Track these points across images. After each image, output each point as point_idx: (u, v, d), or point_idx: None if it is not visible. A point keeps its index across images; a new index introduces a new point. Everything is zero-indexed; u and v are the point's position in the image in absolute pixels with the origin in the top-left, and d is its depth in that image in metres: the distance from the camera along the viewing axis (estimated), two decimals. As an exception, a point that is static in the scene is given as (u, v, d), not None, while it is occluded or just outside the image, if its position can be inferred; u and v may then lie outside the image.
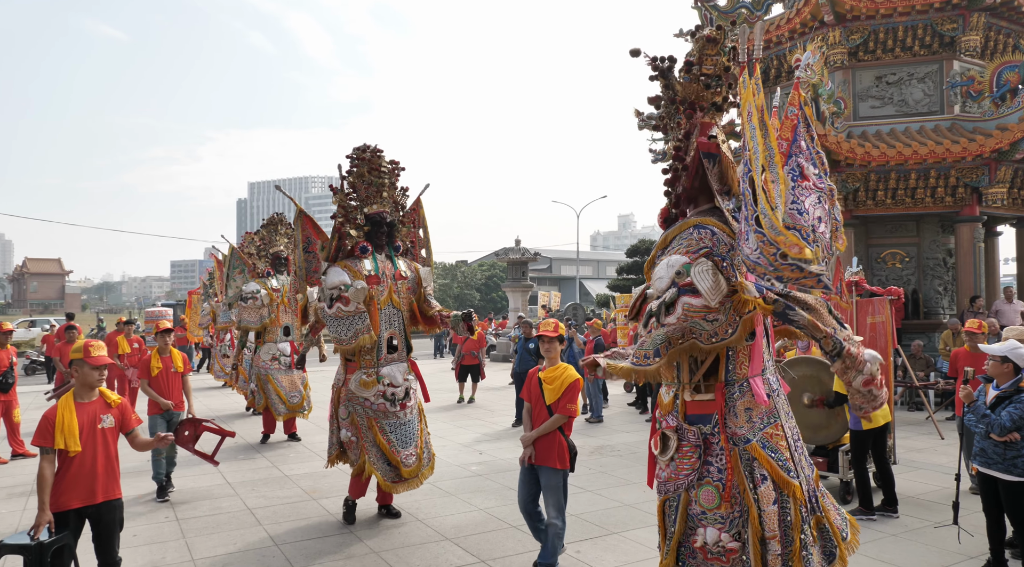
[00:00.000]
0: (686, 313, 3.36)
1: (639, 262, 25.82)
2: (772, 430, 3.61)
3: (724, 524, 3.49)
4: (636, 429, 10.88)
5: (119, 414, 4.36)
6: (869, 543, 5.64)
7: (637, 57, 3.83)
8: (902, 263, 13.70)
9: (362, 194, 6.52)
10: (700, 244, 3.58)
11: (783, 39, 14.42)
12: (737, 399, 3.57)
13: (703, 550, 3.53)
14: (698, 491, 3.56)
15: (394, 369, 6.35)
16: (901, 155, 12.13)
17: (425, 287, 6.70)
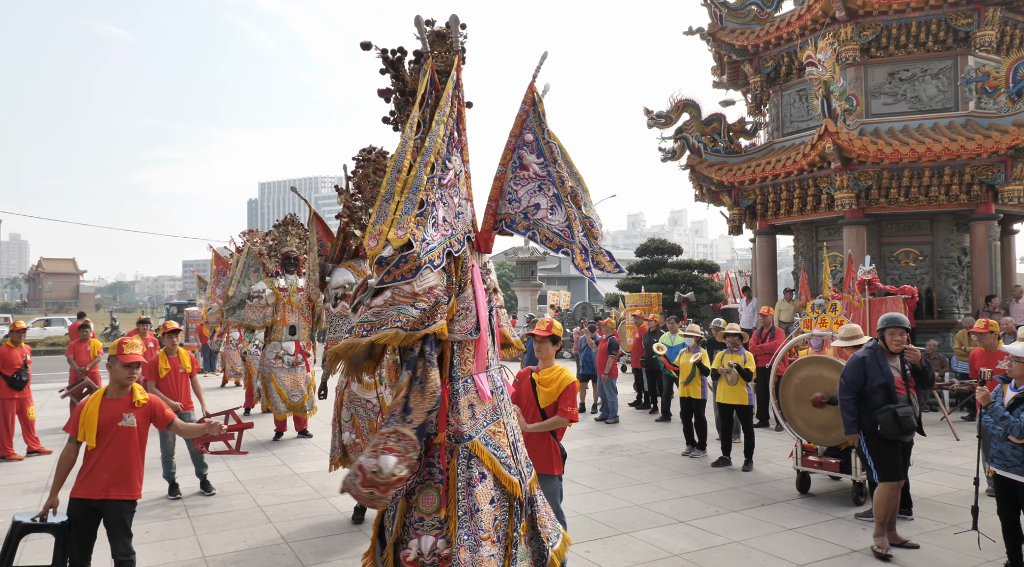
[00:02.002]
0: (394, 296, 3.27)
1: (649, 261, 25.69)
2: (495, 428, 3.59)
3: (441, 530, 3.34)
4: (646, 429, 10.83)
5: (145, 414, 4.37)
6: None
7: (368, 50, 3.73)
8: (916, 262, 13.57)
9: (367, 194, 6.50)
10: None
11: (794, 36, 14.31)
12: (461, 395, 3.49)
13: (415, 563, 3.31)
14: (419, 495, 3.41)
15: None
16: (914, 152, 12.01)
17: None
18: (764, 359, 10.05)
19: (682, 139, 15.12)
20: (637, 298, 19.59)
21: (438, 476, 3.41)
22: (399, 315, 3.24)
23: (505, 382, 3.95)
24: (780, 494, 7.08)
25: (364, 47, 3.72)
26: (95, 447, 4.20)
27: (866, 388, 5.49)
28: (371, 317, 3.25)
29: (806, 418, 7.08)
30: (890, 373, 5.46)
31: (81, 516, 4.21)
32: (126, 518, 4.31)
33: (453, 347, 3.54)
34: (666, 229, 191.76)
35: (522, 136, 3.72)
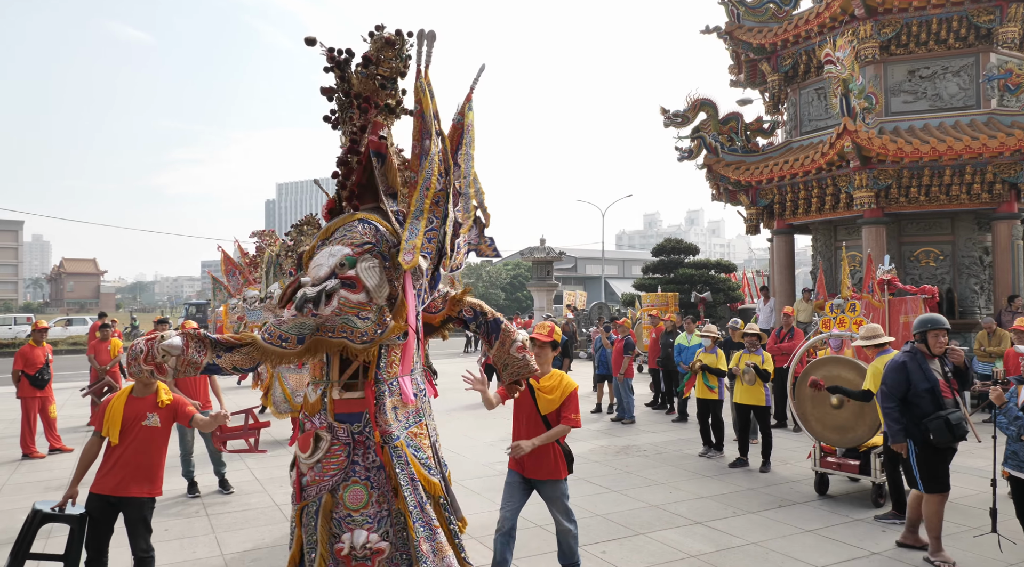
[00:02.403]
0: (341, 307, 3.31)
1: (665, 261, 25.59)
2: (416, 429, 3.67)
3: (373, 524, 3.41)
4: (662, 429, 10.79)
5: (169, 414, 4.41)
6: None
7: (312, 46, 3.71)
8: (936, 261, 13.40)
9: None
10: (364, 239, 3.55)
11: (812, 34, 14.19)
12: (386, 397, 3.55)
13: (348, 558, 3.38)
14: (344, 492, 3.45)
15: None
16: (935, 150, 11.87)
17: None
18: (782, 359, 9.98)
19: (699, 138, 15.04)
20: (653, 298, 19.54)
21: (363, 473, 3.48)
22: (343, 325, 3.34)
23: (429, 384, 4.11)
24: (798, 495, 7.03)
25: (308, 43, 3.72)
26: (118, 444, 4.28)
27: (910, 394, 5.23)
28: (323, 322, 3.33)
29: (822, 419, 7.02)
30: (935, 377, 5.22)
31: (98, 511, 4.28)
32: (146, 515, 4.36)
33: (381, 349, 3.58)
34: (683, 229, 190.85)
35: (422, 144, 3.65)
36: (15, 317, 40.56)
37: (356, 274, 3.39)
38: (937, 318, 5.39)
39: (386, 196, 3.81)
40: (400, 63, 3.70)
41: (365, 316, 3.39)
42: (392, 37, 3.66)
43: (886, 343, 6.42)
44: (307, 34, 3.73)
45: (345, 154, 3.79)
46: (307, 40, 3.71)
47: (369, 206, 3.85)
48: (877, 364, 6.24)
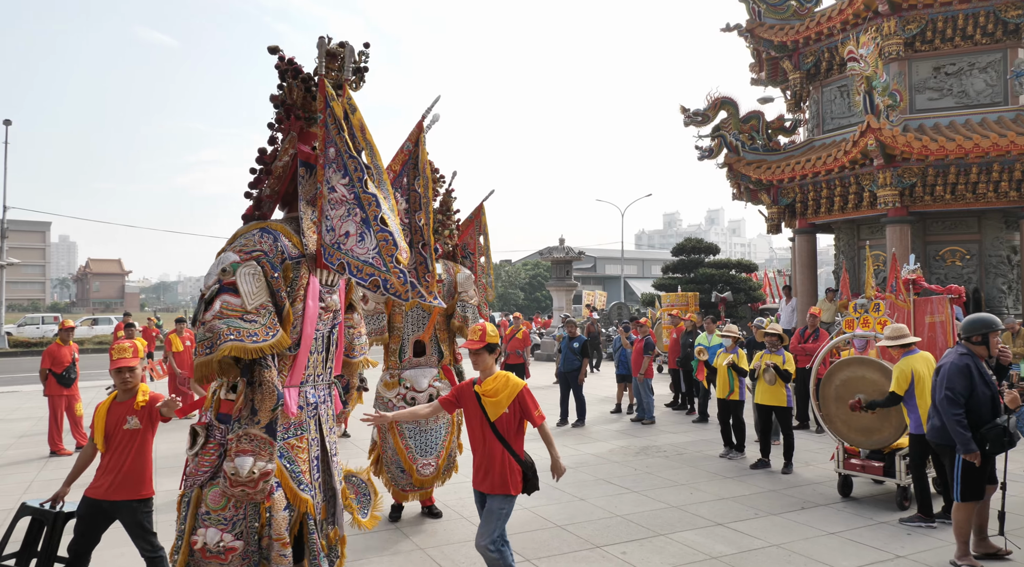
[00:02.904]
0: (223, 310, 3.36)
1: (685, 261, 25.44)
2: (295, 441, 3.65)
3: (227, 526, 3.48)
4: (683, 430, 10.73)
5: (146, 414, 4.34)
6: (928, 551, 5.45)
7: (274, 54, 3.79)
8: (963, 261, 13.19)
9: None
10: (256, 247, 3.58)
11: (835, 31, 14.03)
12: None
13: (203, 550, 3.47)
14: (208, 490, 3.52)
15: (418, 373, 6.30)
16: (961, 148, 11.69)
17: (461, 292, 6.56)
18: (806, 360, 9.88)
19: (719, 137, 14.93)
20: (673, 298, 19.42)
21: None
22: (230, 329, 3.35)
23: (335, 397, 4.10)
24: (821, 497, 6.95)
25: (271, 51, 3.80)
26: (105, 450, 4.33)
27: (971, 401, 5.03)
28: (207, 333, 3.37)
29: (847, 420, 6.94)
30: (994, 383, 5.04)
31: (89, 515, 4.32)
32: (141, 518, 4.33)
33: (270, 358, 3.59)
34: (703, 228, 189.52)
35: (326, 152, 3.56)
36: (43, 316, 41.28)
37: (236, 279, 3.45)
38: (995, 319, 5.21)
39: (311, 205, 3.84)
40: (341, 75, 3.73)
41: (251, 319, 3.41)
42: (335, 49, 3.72)
43: (912, 343, 6.33)
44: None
45: (258, 157, 3.87)
46: (270, 49, 3.80)
47: (293, 215, 3.92)
48: (903, 365, 6.15)
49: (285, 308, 3.59)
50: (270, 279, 3.56)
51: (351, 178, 3.44)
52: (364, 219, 3.44)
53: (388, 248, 3.41)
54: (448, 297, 6.53)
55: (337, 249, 3.52)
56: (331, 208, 3.53)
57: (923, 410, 6.04)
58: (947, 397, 5.07)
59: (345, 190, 3.47)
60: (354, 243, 3.47)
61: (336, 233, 3.51)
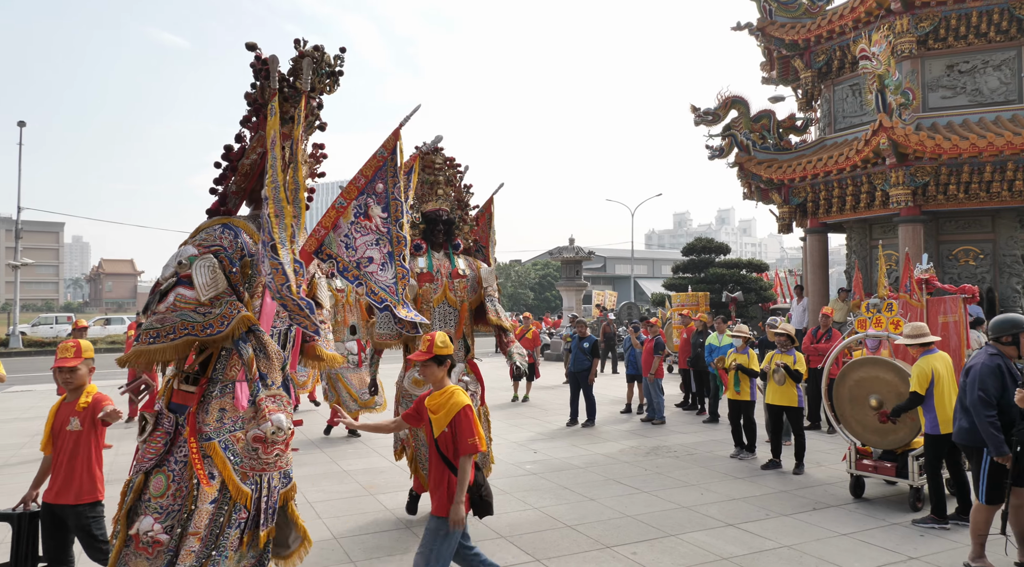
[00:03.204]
0: (176, 303, 3.46)
1: (695, 261, 25.36)
2: (241, 435, 3.69)
3: (161, 515, 3.53)
4: (693, 430, 10.69)
5: (88, 416, 4.23)
6: (943, 553, 5.40)
7: (252, 51, 3.88)
8: (976, 260, 13.08)
9: (418, 192, 6.47)
10: (216, 242, 3.69)
11: (847, 29, 13.94)
12: (214, 397, 3.64)
13: (136, 537, 3.52)
14: (152, 478, 3.60)
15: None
16: (975, 147, 11.58)
17: (486, 287, 6.55)
18: (818, 360, 9.83)
19: (730, 136, 14.87)
20: (684, 298, 19.36)
21: (172, 464, 3.61)
22: (183, 323, 3.45)
23: (287, 396, 4.08)
24: (832, 498, 6.91)
25: (249, 48, 3.89)
26: (52, 453, 4.25)
27: (1001, 402, 4.94)
28: (156, 323, 3.47)
29: (862, 421, 6.90)
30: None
31: (48, 518, 4.26)
32: (86, 523, 4.19)
33: (222, 351, 3.69)
34: (713, 228, 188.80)
35: (373, 183, 3.81)
36: (56, 316, 41.61)
37: (191, 272, 3.53)
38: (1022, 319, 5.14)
39: None
40: (316, 79, 3.86)
41: (204, 311, 3.50)
42: (309, 52, 3.83)
43: (932, 342, 6.27)
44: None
45: (224, 155, 3.98)
46: (248, 46, 3.90)
47: (256, 213, 4.03)
48: (922, 364, 6.10)
49: (245, 302, 3.70)
50: (229, 273, 3.64)
51: (391, 215, 3.72)
52: (390, 253, 3.73)
53: (403, 283, 3.74)
54: (472, 292, 6.52)
55: (356, 267, 3.75)
56: (357, 232, 3.75)
57: (940, 410, 6.00)
58: (980, 398, 4.97)
59: (381, 223, 3.74)
60: (376, 269, 3.74)
61: (358, 254, 3.73)
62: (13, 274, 30.97)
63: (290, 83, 3.82)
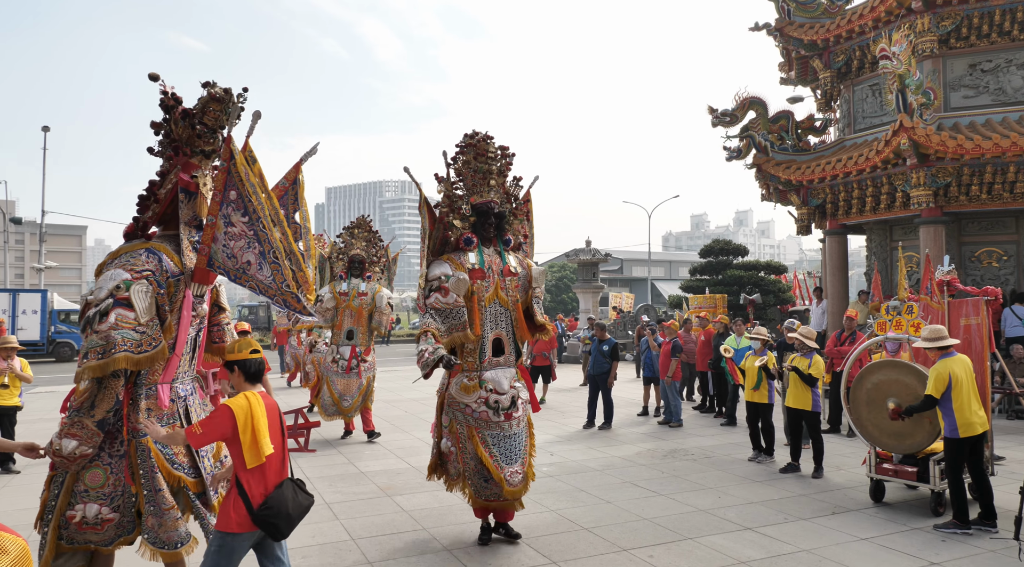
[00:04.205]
0: (118, 322, 3.95)
1: (713, 262, 25.21)
2: (168, 429, 4.18)
3: (106, 500, 4.06)
4: (711, 433, 10.63)
5: None
6: (965, 558, 5.33)
7: (155, 81, 4.34)
8: (999, 262, 12.89)
9: (468, 183, 6.01)
10: (144, 267, 4.15)
11: (866, 28, 13.81)
12: (142, 399, 4.16)
13: (79, 523, 3.99)
14: (86, 472, 4.05)
15: (499, 374, 5.74)
16: (998, 146, 11.42)
17: (535, 288, 6.07)
18: (842, 362, 9.74)
19: (748, 137, 14.78)
20: (701, 300, 19.25)
21: (106, 459, 4.10)
22: (124, 340, 3.94)
23: (199, 391, 4.63)
24: (852, 502, 6.84)
25: (152, 79, 4.34)
26: None
27: None
28: (100, 341, 3.92)
29: (879, 424, 6.82)
30: None
31: None
32: None
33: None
34: (731, 230, 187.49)
35: (226, 194, 4.21)
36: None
37: (129, 295, 4.02)
38: None
39: (189, 227, 4.46)
40: (224, 117, 4.32)
41: (141, 331, 4.03)
42: (219, 93, 4.28)
43: (950, 346, 6.19)
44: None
45: (148, 187, 4.46)
46: (150, 76, 4.34)
47: (170, 233, 4.47)
48: (940, 368, 6.02)
49: (168, 320, 4.22)
50: (156, 295, 4.15)
51: (251, 217, 4.15)
52: (261, 252, 4.17)
53: (279, 276, 4.15)
54: (523, 292, 6.07)
55: (243, 273, 4.21)
56: (230, 239, 4.20)
57: (959, 414, 5.92)
58: None
59: (245, 227, 4.18)
60: (256, 270, 4.19)
61: (239, 261, 4.20)
62: (38, 276, 31.46)
63: (200, 121, 4.31)
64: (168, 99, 4.34)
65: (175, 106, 4.34)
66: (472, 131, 6.05)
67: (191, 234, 4.43)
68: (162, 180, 4.44)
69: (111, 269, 4.12)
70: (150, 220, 4.44)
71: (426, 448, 9.54)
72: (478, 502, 5.72)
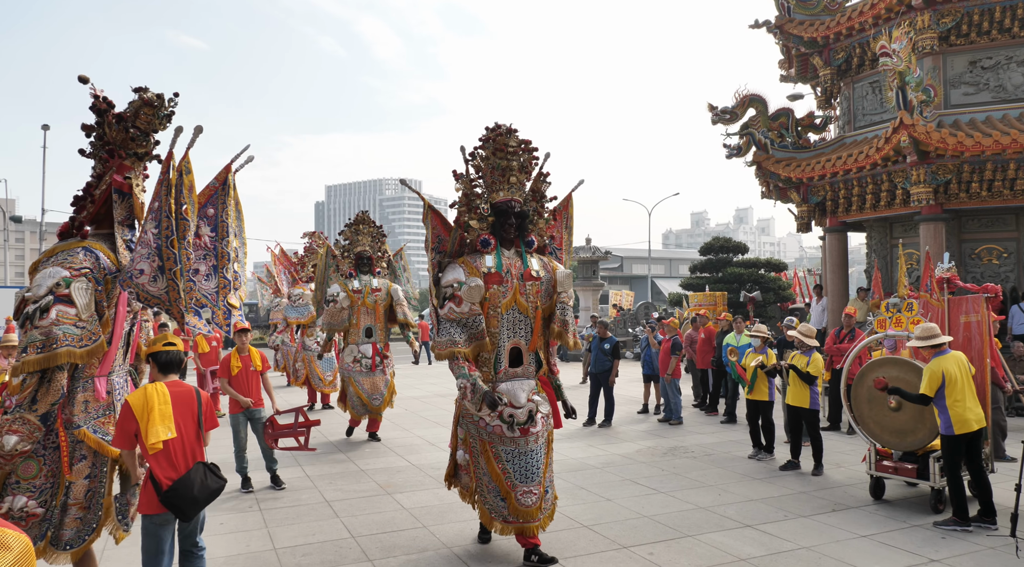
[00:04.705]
0: (59, 318, 4.11)
1: (713, 260, 25.22)
2: (105, 420, 4.37)
3: (35, 493, 4.14)
4: (710, 431, 10.64)
5: None
6: (965, 555, 5.34)
7: (84, 83, 4.47)
8: (999, 259, 12.89)
9: (488, 180, 5.57)
10: (83, 265, 4.32)
11: (866, 25, 13.77)
12: (79, 392, 4.30)
13: (6, 516, 4.03)
14: (20, 463, 4.13)
15: (516, 386, 5.31)
16: (999, 144, 11.41)
17: (560, 292, 5.56)
18: (841, 360, 9.74)
19: (748, 135, 14.76)
20: (701, 297, 19.26)
21: (41, 451, 4.18)
22: (65, 335, 4.10)
23: (130, 384, 4.77)
24: (852, 500, 6.84)
25: (81, 81, 4.46)
26: None
27: None
28: (41, 336, 4.07)
29: (880, 421, 6.83)
30: None
31: None
32: None
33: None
34: (731, 227, 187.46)
35: (205, 208, 4.52)
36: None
37: (70, 292, 4.18)
38: None
39: (123, 226, 4.64)
40: (157, 121, 4.50)
41: (82, 326, 4.19)
42: (151, 98, 4.42)
43: (943, 344, 6.20)
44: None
45: (84, 188, 4.62)
46: (80, 78, 4.46)
47: (103, 232, 4.64)
48: (934, 366, 6.04)
49: (105, 315, 4.37)
50: (95, 292, 4.31)
51: (218, 233, 4.49)
52: (215, 266, 4.50)
53: (223, 292, 4.46)
54: (546, 297, 5.58)
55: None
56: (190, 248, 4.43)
57: (953, 411, 5.93)
58: None
59: (209, 241, 4.50)
60: (202, 279, 4.47)
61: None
62: (37, 275, 31.42)
63: (133, 124, 4.47)
64: (100, 103, 4.50)
65: (107, 110, 4.50)
66: (495, 124, 5.57)
67: (124, 233, 4.65)
68: (98, 181, 4.63)
69: (48, 267, 4.27)
70: (84, 219, 4.62)
71: (427, 446, 9.56)
72: (501, 525, 5.29)
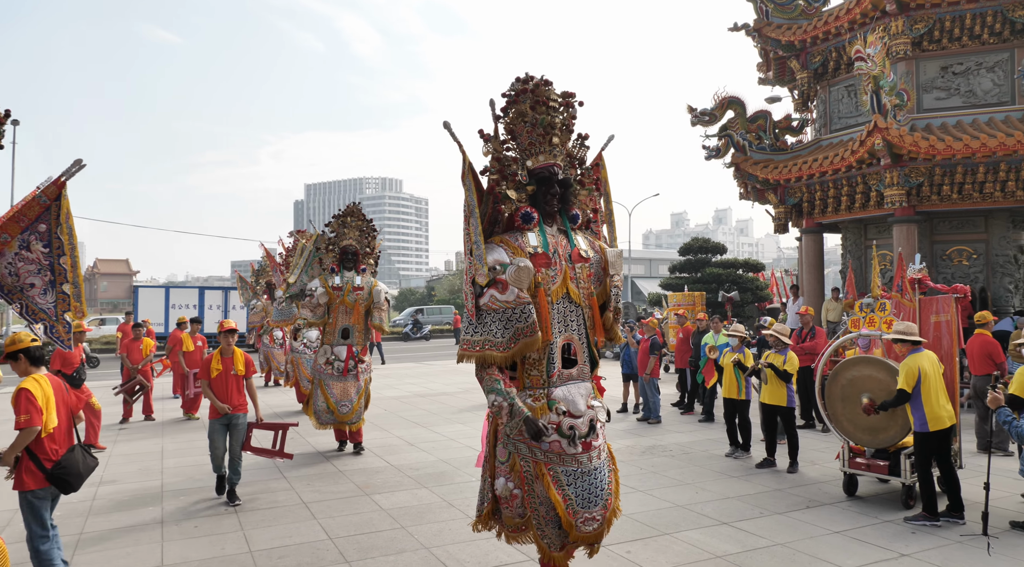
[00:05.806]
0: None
1: (692, 260, 25.46)
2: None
3: None
4: (688, 430, 10.73)
5: None
6: (934, 550, 5.45)
7: None
8: (969, 260, 13.15)
9: (524, 141, 4.49)
10: None
11: (842, 30, 14.00)
12: None
13: None
14: None
15: (573, 391, 4.34)
16: (968, 148, 11.66)
17: (613, 275, 4.63)
18: (804, 359, 9.88)
19: (727, 137, 14.92)
20: (680, 297, 19.42)
21: None
22: None
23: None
24: (826, 496, 6.95)
25: None
26: None
27: None
28: None
29: (853, 420, 6.94)
30: None
31: None
32: None
33: None
34: (710, 228, 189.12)
35: (36, 224, 4.63)
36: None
37: None
38: None
39: None
40: None
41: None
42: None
43: (920, 342, 6.35)
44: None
45: None
46: None
47: None
48: (910, 362, 6.16)
49: None
50: None
51: (51, 250, 4.65)
52: (51, 281, 4.68)
53: (62, 306, 4.68)
54: (596, 282, 4.60)
55: (20, 292, 4.63)
56: (20, 262, 4.63)
57: (928, 408, 6.06)
58: None
59: (43, 256, 4.66)
60: (37, 294, 4.64)
61: (21, 280, 4.60)
62: (9, 274, 30.87)
63: None
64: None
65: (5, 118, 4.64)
66: (525, 75, 4.52)
67: None
68: None
69: None
70: None
71: (405, 447, 9.52)
72: (558, 558, 4.42)
